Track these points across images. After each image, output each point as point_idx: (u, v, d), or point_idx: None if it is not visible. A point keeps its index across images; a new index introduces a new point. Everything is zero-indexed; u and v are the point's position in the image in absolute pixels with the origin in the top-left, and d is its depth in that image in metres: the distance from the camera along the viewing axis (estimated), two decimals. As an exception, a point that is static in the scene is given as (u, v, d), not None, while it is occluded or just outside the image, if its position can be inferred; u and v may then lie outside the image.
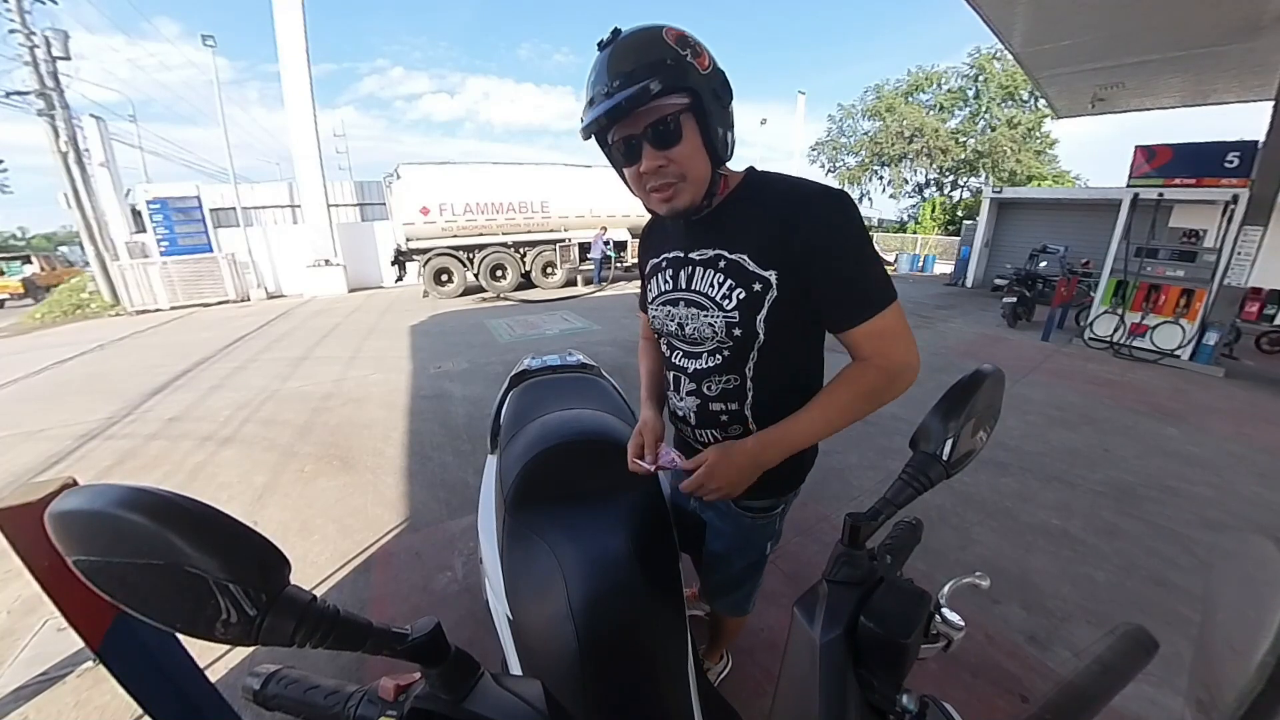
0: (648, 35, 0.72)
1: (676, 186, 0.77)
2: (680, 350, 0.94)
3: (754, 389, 0.87)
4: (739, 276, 0.81)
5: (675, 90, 0.70)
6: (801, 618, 0.47)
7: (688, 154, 0.75)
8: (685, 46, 0.72)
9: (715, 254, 0.84)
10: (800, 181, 0.82)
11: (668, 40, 0.71)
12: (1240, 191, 5.07)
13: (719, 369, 0.88)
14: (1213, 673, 0.33)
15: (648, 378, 1.10)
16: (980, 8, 4.75)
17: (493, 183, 10.12)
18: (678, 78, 0.69)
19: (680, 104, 0.72)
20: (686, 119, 0.73)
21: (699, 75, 0.72)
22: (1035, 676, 1.61)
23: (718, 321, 0.84)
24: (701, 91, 0.72)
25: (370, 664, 1.59)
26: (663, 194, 0.78)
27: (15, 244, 46.87)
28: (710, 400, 0.91)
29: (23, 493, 0.77)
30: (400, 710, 0.44)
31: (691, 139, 0.74)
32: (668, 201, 0.79)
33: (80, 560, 0.32)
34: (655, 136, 0.73)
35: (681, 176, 0.76)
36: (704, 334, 0.86)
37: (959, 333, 6.74)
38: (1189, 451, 3.22)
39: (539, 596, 0.84)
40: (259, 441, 3.46)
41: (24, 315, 10.00)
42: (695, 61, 0.72)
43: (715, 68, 0.75)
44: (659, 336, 1.01)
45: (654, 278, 0.96)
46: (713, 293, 0.84)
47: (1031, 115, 19.92)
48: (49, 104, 9.26)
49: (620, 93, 0.69)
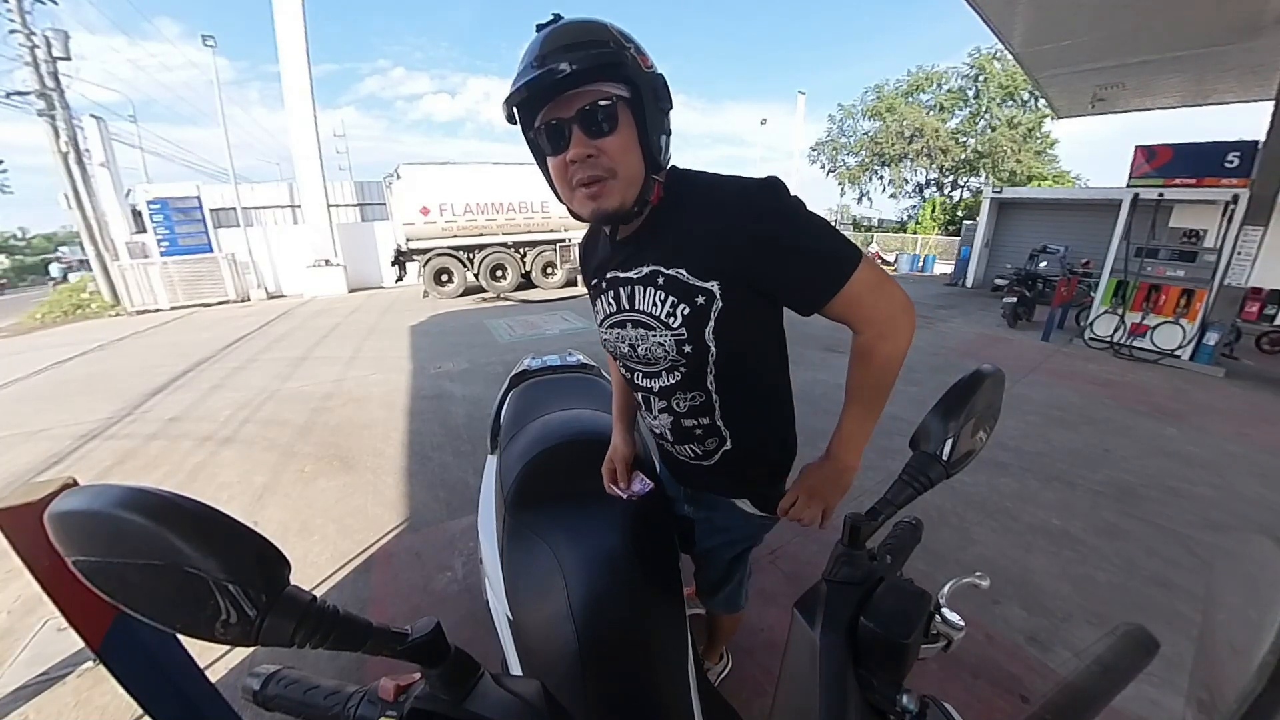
0: (591, 22, 0.68)
1: (606, 183, 0.70)
2: (639, 371, 0.90)
3: (720, 399, 0.85)
4: (680, 292, 0.76)
5: (613, 77, 0.66)
6: (801, 618, 0.47)
7: (620, 147, 0.68)
8: (629, 41, 0.69)
9: (652, 270, 0.78)
10: (720, 178, 0.77)
11: (611, 30, 0.68)
12: (1240, 191, 5.06)
13: (681, 386, 0.85)
14: (1214, 673, 0.33)
15: (617, 394, 1.08)
16: (980, 8, 4.74)
17: (493, 183, 10.12)
18: (618, 64, 0.65)
19: (618, 92, 0.67)
20: (623, 110, 0.68)
21: (641, 71, 0.68)
22: (1035, 677, 1.61)
23: (667, 340, 0.80)
24: (641, 86, 0.68)
25: (370, 664, 1.59)
26: (590, 189, 0.70)
27: (15, 244, 46.84)
28: (682, 418, 0.89)
29: (23, 493, 0.77)
30: (400, 710, 0.44)
31: (626, 132, 0.69)
32: (594, 199, 0.71)
33: (80, 560, 0.32)
34: (586, 121, 0.67)
35: (612, 172, 0.69)
36: (656, 354, 0.83)
37: (959, 333, 6.74)
38: (1189, 452, 3.22)
39: (539, 596, 0.84)
40: (259, 441, 3.46)
41: (24, 315, 10.00)
42: (638, 58, 0.68)
43: (657, 73, 0.71)
44: (614, 359, 0.97)
45: (599, 299, 0.90)
46: (656, 311, 0.79)
47: (1031, 115, 19.91)
48: (49, 104, 9.27)
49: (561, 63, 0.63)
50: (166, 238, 10.23)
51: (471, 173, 10.02)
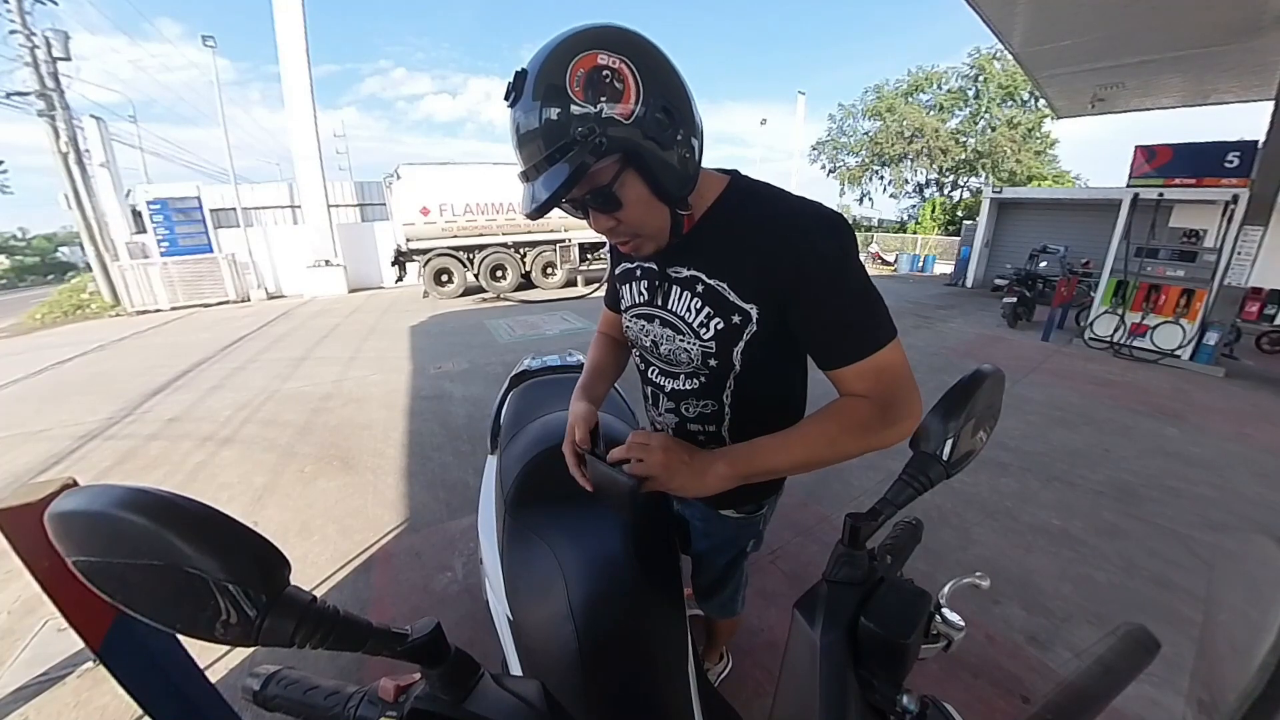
0: (550, 91, 0.57)
1: (636, 241, 0.73)
2: (656, 367, 0.89)
3: (731, 413, 0.84)
4: (718, 305, 0.75)
5: (597, 161, 0.59)
6: (802, 618, 0.47)
7: (636, 214, 0.67)
8: (599, 96, 0.57)
9: (693, 275, 0.77)
10: (790, 202, 0.72)
11: (575, 96, 0.57)
12: (1240, 191, 5.06)
13: (696, 393, 0.84)
14: (1214, 673, 0.33)
15: (591, 370, 1.00)
16: (980, 8, 4.75)
17: (493, 183, 10.11)
18: (595, 148, 0.58)
19: (612, 168, 0.62)
20: (626, 175, 0.63)
21: (622, 128, 0.59)
22: (1036, 677, 1.60)
23: (694, 349, 0.79)
24: (630, 146, 0.60)
25: (370, 664, 1.59)
26: (625, 247, 0.75)
27: (16, 244, 46.83)
28: (688, 421, 0.88)
29: (23, 493, 0.77)
30: (400, 711, 0.44)
31: (636, 196, 0.65)
32: (633, 251, 0.76)
33: (80, 561, 0.32)
34: (596, 204, 0.66)
35: (635, 234, 0.71)
36: (679, 358, 0.82)
37: (959, 333, 6.74)
38: (1190, 452, 3.22)
39: (539, 597, 0.84)
40: (259, 442, 3.46)
41: (24, 315, 10.00)
42: (616, 112, 0.58)
43: (643, 100, 0.59)
44: (632, 347, 0.95)
45: (627, 285, 0.89)
46: (690, 318, 0.78)
47: (1031, 115, 19.91)
48: (49, 105, 9.26)
49: (540, 181, 0.62)
50: (166, 238, 10.23)
51: (471, 173, 10.02)
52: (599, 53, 0.57)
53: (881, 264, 16.45)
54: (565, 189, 0.59)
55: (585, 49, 0.57)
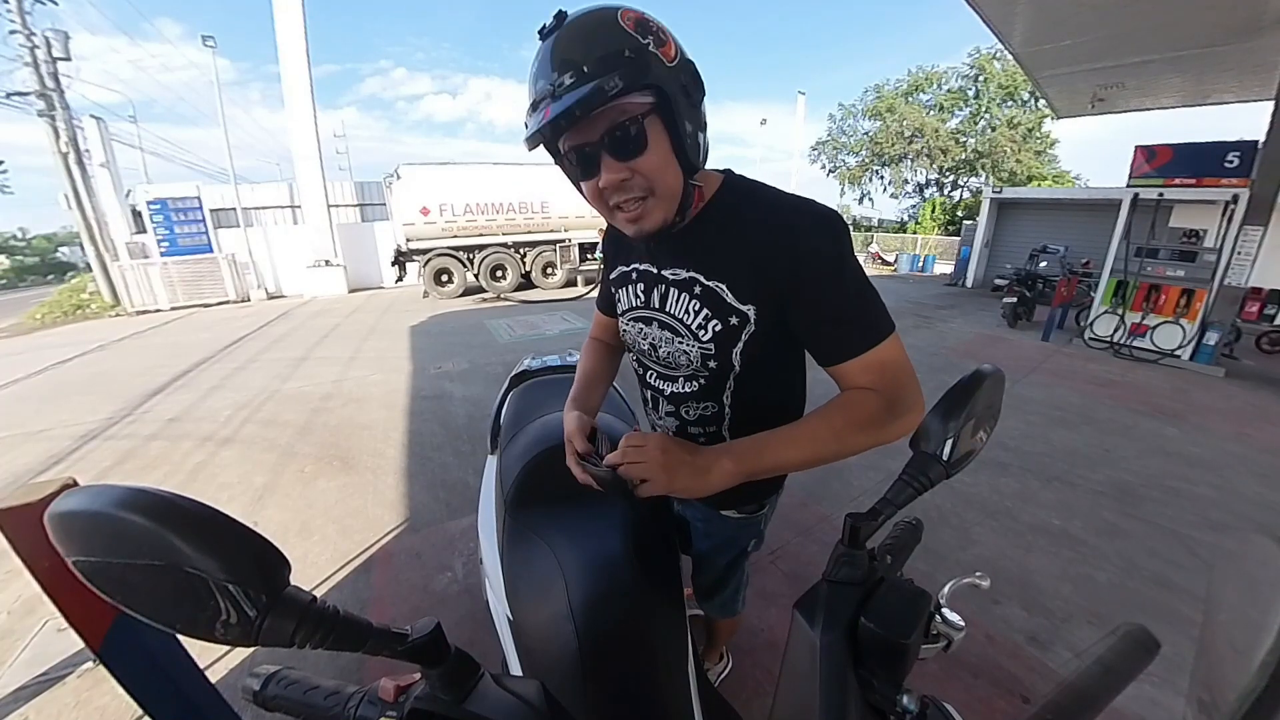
0: (600, 19, 0.59)
1: (645, 203, 0.66)
2: (654, 371, 0.88)
3: (731, 413, 0.84)
4: (716, 307, 0.74)
5: (637, 88, 0.58)
6: (801, 618, 0.47)
7: (656, 164, 0.63)
8: (647, 33, 0.59)
9: (690, 277, 0.75)
10: (784, 200, 0.72)
11: (625, 25, 0.58)
12: (1240, 191, 5.06)
13: (696, 395, 0.84)
14: (1214, 673, 0.33)
15: (582, 379, 0.96)
16: (980, 8, 4.75)
17: (493, 183, 10.12)
18: (639, 72, 0.57)
19: (644, 104, 0.60)
20: (652, 122, 0.61)
21: (665, 68, 0.60)
22: (1036, 677, 1.61)
23: (693, 351, 0.78)
24: (668, 88, 0.60)
25: (370, 664, 1.59)
26: (629, 213, 0.67)
27: (15, 244, 46.81)
28: (689, 424, 0.88)
29: (23, 493, 0.77)
30: (400, 711, 0.44)
31: (659, 146, 0.63)
32: (635, 222, 0.68)
33: (80, 561, 0.31)
34: (615, 145, 0.61)
35: (650, 191, 0.65)
36: (678, 360, 0.81)
37: (959, 333, 6.74)
38: (1190, 451, 3.22)
39: (539, 597, 0.84)
40: (259, 442, 3.46)
41: (24, 315, 10.00)
42: (659, 51, 0.59)
43: (683, 58, 0.63)
44: (629, 351, 0.94)
45: (623, 288, 0.88)
46: (688, 320, 0.77)
47: (1031, 115, 19.92)
48: (49, 105, 9.27)
49: (569, 94, 0.57)
50: (166, 238, 10.23)
51: (471, 173, 10.03)
52: (644, 12, 0.62)
53: (881, 264, 16.44)
54: (600, 98, 0.56)
55: (628, 6, 0.61)
